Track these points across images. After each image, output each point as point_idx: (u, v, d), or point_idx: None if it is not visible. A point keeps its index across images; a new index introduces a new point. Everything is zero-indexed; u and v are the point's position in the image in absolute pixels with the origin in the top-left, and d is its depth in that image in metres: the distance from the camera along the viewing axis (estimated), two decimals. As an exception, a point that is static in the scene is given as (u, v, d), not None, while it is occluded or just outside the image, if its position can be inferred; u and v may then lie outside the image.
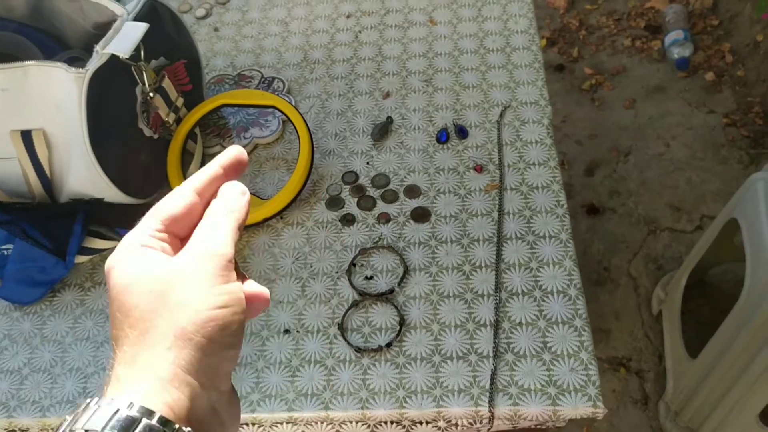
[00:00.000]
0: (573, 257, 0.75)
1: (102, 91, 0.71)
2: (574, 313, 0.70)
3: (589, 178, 1.79)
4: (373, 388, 0.67)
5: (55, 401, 0.69)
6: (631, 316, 1.52)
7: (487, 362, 0.67)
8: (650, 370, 1.43)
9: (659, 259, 1.60)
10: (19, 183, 0.78)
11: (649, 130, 1.87)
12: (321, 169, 0.86)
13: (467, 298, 0.72)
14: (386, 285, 0.74)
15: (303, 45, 1.03)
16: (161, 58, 0.81)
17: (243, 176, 0.85)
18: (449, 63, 0.97)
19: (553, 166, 0.83)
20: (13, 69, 0.71)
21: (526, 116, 0.88)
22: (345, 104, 0.93)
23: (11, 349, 0.74)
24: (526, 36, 0.99)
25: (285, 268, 0.77)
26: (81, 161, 0.74)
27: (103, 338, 0.73)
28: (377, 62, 0.98)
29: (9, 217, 0.76)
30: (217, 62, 1.02)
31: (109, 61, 0.71)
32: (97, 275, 0.79)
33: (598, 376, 0.66)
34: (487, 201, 0.80)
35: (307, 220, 0.81)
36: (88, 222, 0.77)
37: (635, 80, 2.01)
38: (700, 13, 2.14)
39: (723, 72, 1.98)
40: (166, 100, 0.81)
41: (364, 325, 0.71)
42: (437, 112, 0.90)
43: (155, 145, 0.81)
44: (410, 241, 0.78)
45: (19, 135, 0.74)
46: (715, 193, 1.71)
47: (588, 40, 2.15)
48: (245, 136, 0.89)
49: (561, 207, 0.79)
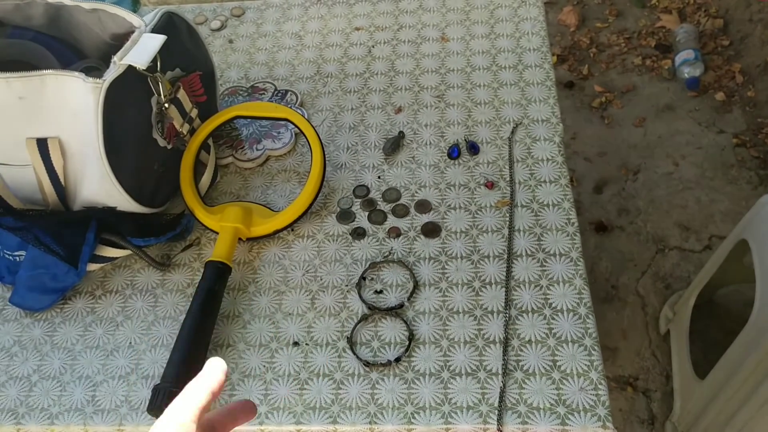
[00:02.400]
0: (583, 276, 0.75)
1: (118, 101, 0.72)
2: (584, 332, 0.70)
3: (598, 196, 1.79)
4: (382, 402, 0.67)
5: (63, 409, 0.70)
6: (638, 335, 1.52)
7: (496, 379, 0.67)
8: (657, 389, 1.42)
9: (667, 278, 1.60)
10: (33, 190, 0.78)
11: (659, 148, 1.87)
12: (332, 183, 0.86)
13: (477, 315, 0.72)
14: (396, 299, 0.74)
15: (316, 58, 1.03)
16: (177, 69, 0.81)
17: (255, 188, 0.86)
18: (461, 79, 0.97)
19: (564, 184, 0.83)
20: (31, 78, 0.72)
21: (537, 134, 0.89)
22: (357, 118, 0.94)
23: (21, 356, 0.74)
24: (539, 54, 1.00)
25: (295, 281, 0.77)
26: (95, 170, 0.74)
27: (113, 347, 0.74)
28: (390, 77, 0.99)
29: (22, 223, 0.76)
30: (231, 74, 1.03)
31: (126, 72, 0.72)
32: (109, 283, 0.79)
33: (607, 397, 0.65)
34: (497, 217, 0.80)
35: (317, 233, 0.81)
36: (101, 230, 0.77)
37: (645, 99, 2.01)
38: (711, 33, 2.15)
39: (733, 92, 1.99)
40: (181, 110, 0.81)
41: (373, 339, 0.71)
42: (449, 128, 0.91)
43: (169, 155, 0.82)
44: (420, 256, 0.78)
45: (35, 143, 0.74)
46: (725, 213, 1.70)
47: (598, 58, 2.16)
48: (258, 147, 0.90)
49: (572, 225, 0.79)
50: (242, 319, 0.74)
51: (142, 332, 0.75)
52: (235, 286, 0.77)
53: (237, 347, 0.72)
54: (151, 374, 0.71)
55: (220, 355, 0.72)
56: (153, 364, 0.72)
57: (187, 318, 0.71)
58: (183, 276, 0.79)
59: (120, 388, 0.70)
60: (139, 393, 0.70)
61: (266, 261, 0.79)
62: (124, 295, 0.78)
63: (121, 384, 0.71)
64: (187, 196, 0.82)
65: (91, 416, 0.69)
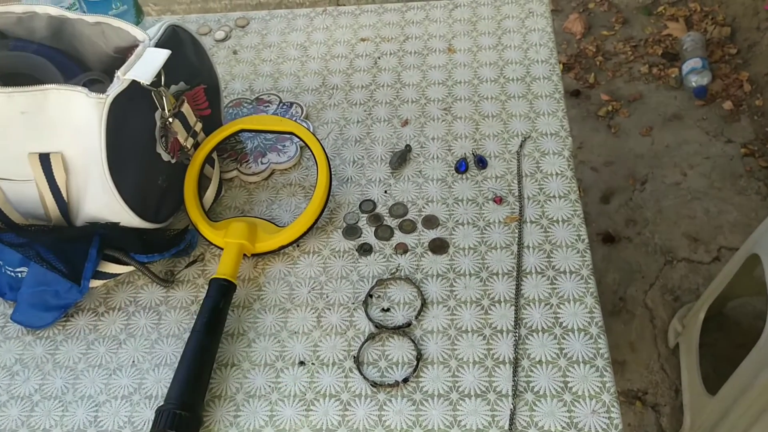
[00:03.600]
0: (594, 294, 0.73)
1: (122, 116, 0.71)
2: (595, 353, 0.68)
3: (605, 206, 1.78)
4: (389, 425, 0.65)
5: (65, 430, 0.68)
6: (646, 348, 1.50)
7: (506, 401, 0.66)
8: (666, 404, 1.41)
9: (676, 290, 1.58)
10: (35, 206, 0.77)
11: (666, 158, 1.86)
12: (338, 197, 0.85)
13: (486, 334, 0.71)
14: (403, 318, 0.73)
15: (322, 70, 1.02)
16: (181, 83, 0.80)
17: (260, 202, 0.85)
18: (469, 91, 0.96)
19: (573, 199, 0.82)
20: (34, 92, 0.71)
21: (546, 147, 0.87)
22: (363, 131, 0.93)
23: (22, 375, 0.73)
24: (547, 66, 0.98)
25: (300, 298, 0.76)
26: (98, 186, 0.73)
27: (116, 365, 0.72)
28: (396, 89, 0.98)
29: (24, 239, 0.75)
30: (235, 85, 1.02)
31: (130, 87, 0.71)
32: (111, 300, 0.78)
33: (620, 420, 0.64)
34: (506, 234, 0.79)
35: (323, 249, 0.80)
36: (104, 246, 0.76)
37: (652, 108, 2.00)
38: (718, 42, 2.13)
39: (741, 101, 1.97)
40: (185, 124, 0.80)
41: (380, 358, 0.70)
42: (456, 141, 0.90)
43: (172, 170, 0.81)
44: (428, 273, 0.76)
45: (38, 158, 0.73)
46: (733, 224, 1.69)
47: (604, 66, 2.15)
48: (262, 161, 0.89)
49: (582, 242, 0.78)
50: (247, 338, 0.73)
51: (145, 351, 0.73)
52: (239, 303, 0.76)
53: (242, 366, 0.71)
54: (155, 394, 0.70)
55: (225, 375, 0.70)
56: (156, 384, 0.71)
57: (192, 337, 0.69)
58: (187, 293, 0.78)
59: (123, 408, 0.69)
60: (143, 414, 0.69)
61: (271, 277, 0.78)
62: (128, 312, 0.77)
63: (124, 404, 0.69)
64: (191, 211, 0.81)
65: (93, 437, 0.68)
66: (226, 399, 0.69)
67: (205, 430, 0.67)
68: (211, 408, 0.68)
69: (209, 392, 0.69)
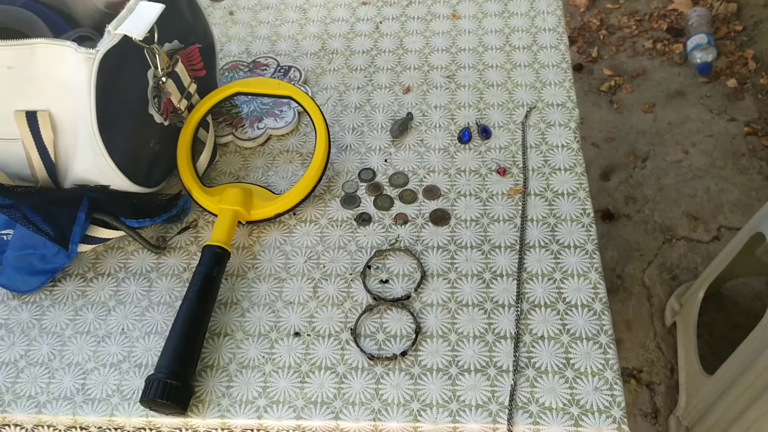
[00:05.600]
0: (599, 269, 0.71)
1: (112, 74, 0.67)
2: (599, 329, 0.67)
3: (605, 183, 1.75)
4: (386, 398, 0.63)
5: (52, 397, 0.66)
6: (643, 327, 1.49)
7: (507, 377, 0.64)
8: (661, 383, 1.40)
9: (674, 269, 1.57)
10: (21, 166, 0.74)
11: (668, 135, 1.83)
12: (337, 165, 0.82)
13: (487, 308, 0.69)
14: (402, 290, 0.71)
15: (321, 34, 0.99)
16: (175, 41, 0.77)
17: (255, 168, 0.82)
18: (473, 59, 0.93)
19: (579, 172, 0.79)
20: (21, 46, 0.67)
21: (552, 118, 0.85)
22: (363, 98, 0.90)
23: (7, 340, 0.71)
24: (554, 34, 0.95)
25: (296, 267, 0.73)
26: (87, 146, 0.70)
27: (105, 333, 0.70)
28: (398, 55, 0.95)
29: (10, 201, 0.72)
30: (231, 48, 0.99)
31: (121, 43, 0.67)
32: (101, 266, 0.76)
33: (623, 397, 0.62)
34: (509, 206, 0.77)
35: (321, 218, 0.77)
36: (93, 210, 0.73)
37: (655, 84, 1.97)
38: (724, 18, 2.10)
39: (745, 79, 1.94)
40: (179, 85, 0.77)
41: (378, 331, 0.68)
42: (459, 110, 0.87)
43: (165, 132, 0.78)
44: (428, 244, 0.74)
45: (24, 116, 0.70)
46: (734, 204, 1.67)
47: (608, 41, 2.11)
48: (259, 126, 0.86)
49: (587, 216, 0.75)
50: (241, 307, 0.71)
51: (135, 318, 0.71)
52: (233, 271, 0.74)
53: (235, 336, 0.69)
54: (145, 363, 0.68)
55: (217, 345, 0.68)
56: (146, 352, 0.68)
57: (183, 304, 0.67)
58: (179, 260, 0.75)
59: (111, 376, 0.67)
60: (132, 382, 0.67)
61: (266, 246, 0.76)
62: (117, 278, 0.74)
63: (112, 372, 0.67)
64: (184, 175, 0.78)
65: (81, 405, 0.66)
66: (219, 369, 0.67)
67: (197, 400, 0.65)
68: (202, 378, 0.66)
69: (201, 362, 0.67)
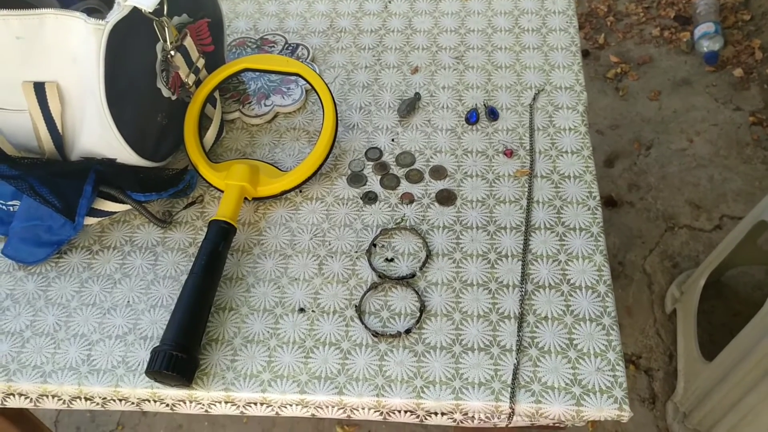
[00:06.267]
0: (603, 252, 0.71)
1: (121, 46, 0.67)
2: (602, 311, 0.67)
3: (609, 170, 1.75)
4: (390, 375, 0.64)
5: (57, 367, 0.67)
6: (643, 313, 1.49)
7: (510, 356, 0.64)
8: (660, 369, 1.41)
9: (675, 257, 1.57)
10: (28, 137, 0.74)
11: (673, 123, 1.83)
12: (344, 144, 0.82)
13: (491, 288, 0.69)
14: (407, 268, 0.71)
15: (329, 12, 0.98)
16: (184, 15, 0.77)
17: (262, 145, 0.82)
18: (482, 41, 0.92)
19: (586, 155, 0.79)
20: (29, 17, 0.67)
21: (560, 101, 0.84)
22: (371, 77, 0.89)
23: (13, 310, 0.71)
24: (564, 17, 0.95)
25: (302, 244, 0.74)
26: (95, 118, 0.70)
27: (110, 305, 0.70)
28: (407, 35, 0.94)
29: (17, 172, 0.72)
30: (239, 24, 0.98)
31: (131, 15, 0.67)
32: (107, 239, 0.76)
33: (625, 378, 0.63)
34: (515, 187, 0.77)
35: (327, 196, 0.77)
36: (99, 183, 0.73)
37: (661, 71, 1.96)
38: (732, 7, 2.08)
39: (752, 69, 1.93)
40: (187, 60, 0.77)
41: (382, 309, 0.68)
42: (467, 92, 0.86)
43: (173, 107, 0.78)
44: (434, 224, 0.74)
45: (32, 87, 0.70)
46: (737, 193, 1.67)
47: (615, 27, 2.10)
48: (266, 103, 0.86)
49: (593, 199, 0.75)
50: (246, 282, 0.71)
51: (140, 291, 0.71)
52: (239, 247, 0.74)
53: (240, 311, 0.69)
54: (150, 335, 0.68)
55: (222, 319, 0.69)
56: (152, 325, 0.69)
57: (189, 278, 0.67)
58: (185, 234, 0.75)
59: (117, 348, 0.68)
60: (137, 354, 0.67)
61: (272, 223, 0.76)
62: (123, 251, 0.75)
63: (118, 344, 0.68)
64: (191, 150, 0.78)
65: (86, 376, 0.66)
66: (224, 343, 0.67)
67: (202, 372, 0.65)
68: (207, 351, 0.66)
69: (206, 335, 0.67)
